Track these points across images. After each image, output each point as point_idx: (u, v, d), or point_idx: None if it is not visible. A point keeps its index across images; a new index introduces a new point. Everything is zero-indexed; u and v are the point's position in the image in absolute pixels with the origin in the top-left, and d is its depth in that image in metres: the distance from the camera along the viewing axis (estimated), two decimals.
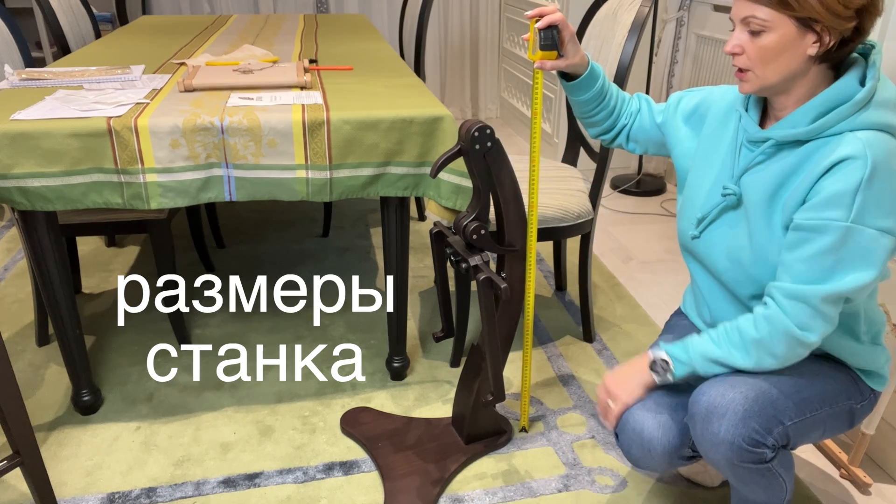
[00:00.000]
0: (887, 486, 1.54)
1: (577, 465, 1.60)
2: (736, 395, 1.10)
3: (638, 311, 2.24)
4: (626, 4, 1.89)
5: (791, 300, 1.07)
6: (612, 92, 1.38)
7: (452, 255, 1.44)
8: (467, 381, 1.60)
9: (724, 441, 1.09)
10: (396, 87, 1.76)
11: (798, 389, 1.14)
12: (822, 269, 1.05)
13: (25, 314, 2.20)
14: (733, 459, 1.10)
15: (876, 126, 1.04)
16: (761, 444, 1.09)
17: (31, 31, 3.99)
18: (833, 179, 1.02)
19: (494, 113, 4.66)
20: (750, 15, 1.04)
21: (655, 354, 1.20)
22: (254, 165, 1.51)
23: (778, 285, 1.09)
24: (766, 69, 1.06)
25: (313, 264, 2.54)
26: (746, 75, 1.09)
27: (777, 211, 1.11)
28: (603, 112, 1.38)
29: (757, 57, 1.06)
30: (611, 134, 1.41)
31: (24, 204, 1.46)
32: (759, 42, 1.04)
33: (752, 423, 1.09)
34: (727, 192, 1.17)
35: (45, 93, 1.67)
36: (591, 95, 1.35)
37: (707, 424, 1.11)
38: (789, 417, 1.12)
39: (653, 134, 1.38)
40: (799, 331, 1.08)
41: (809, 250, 1.05)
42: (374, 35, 2.65)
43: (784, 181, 1.10)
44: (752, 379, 1.13)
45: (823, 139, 1.06)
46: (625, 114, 1.40)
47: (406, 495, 1.48)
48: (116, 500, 1.49)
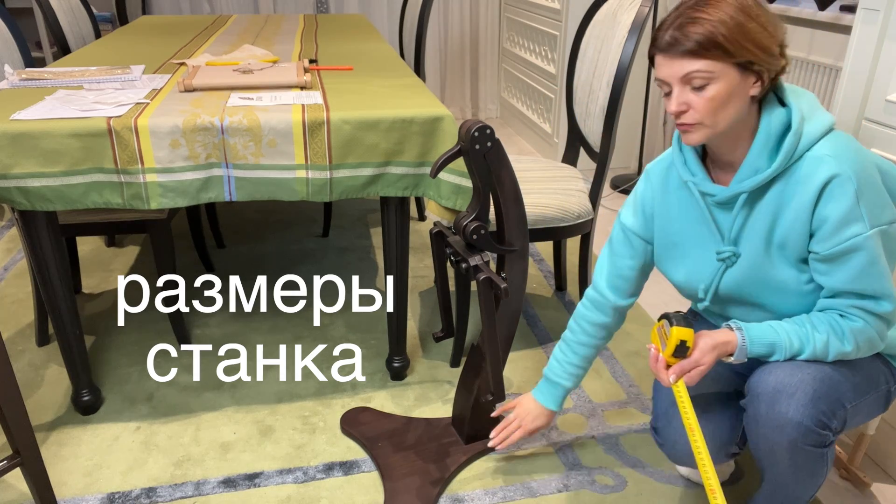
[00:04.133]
0: (887, 486, 1.54)
1: (577, 465, 1.60)
2: (804, 375, 1.11)
3: (638, 311, 2.24)
4: (626, 4, 1.89)
5: (873, 317, 1.12)
6: (598, 348, 1.46)
7: (452, 255, 1.44)
8: (467, 381, 1.60)
9: (791, 421, 1.09)
10: (396, 87, 1.76)
11: (852, 374, 1.16)
12: (876, 278, 1.09)
13: (25, 314, 2.20)
14: (798, 441, 1.10)
15: (822, 133, 1.08)
16: (827, 427, 1.11)
17: (31, 31, 3.99)
18: (832, 203, 1.06)
19: (494, 113, 4.66)
20: (692, 71, 1.05)
21: (738, 358, 1.17)
22: (254, 165, 1.51)
23: (854, 304, 1.12)
24: (716, 119, 1.07)
25: (313, 264, 2.54)
26: (694, 127, 1.09)
27: (776, 248, 1.15)
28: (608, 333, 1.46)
29: (706, 109, 1.06)
30: (630, 300, 1.42)
31: (24, 204, 1.46)
32: (706, 95, 1.06)
33: (821, 404, 1.10)
34: (723, 255, 1.19)
35: (45, 93, 1.67)
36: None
37: (774, 404, 1.11)
38: (850, 400, 1.14)
39: (644, 263, 1.38)
40: (879, 339, 1.15)
41: (854, 269, 1.09)
42: (374, 35, 2.65)
43: (774, 220, 1.13)
44: (814, 363, 1.14)
45: (790, 170, 1.10)
46: (616, 320, 1.43)
47: (406, 495, 1.48)
48: (116, 500, 1.49)
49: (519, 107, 4.15)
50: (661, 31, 1.08)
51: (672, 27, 1.05)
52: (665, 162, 1.28)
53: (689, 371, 1.14)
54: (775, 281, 1.17)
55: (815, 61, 2.49)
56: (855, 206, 1.05)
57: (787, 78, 2.66)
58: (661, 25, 1.08)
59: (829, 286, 1.12)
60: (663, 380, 1.16)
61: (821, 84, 2.49)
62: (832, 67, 2.42)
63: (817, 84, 2.50)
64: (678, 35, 1.04)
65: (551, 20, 3.50)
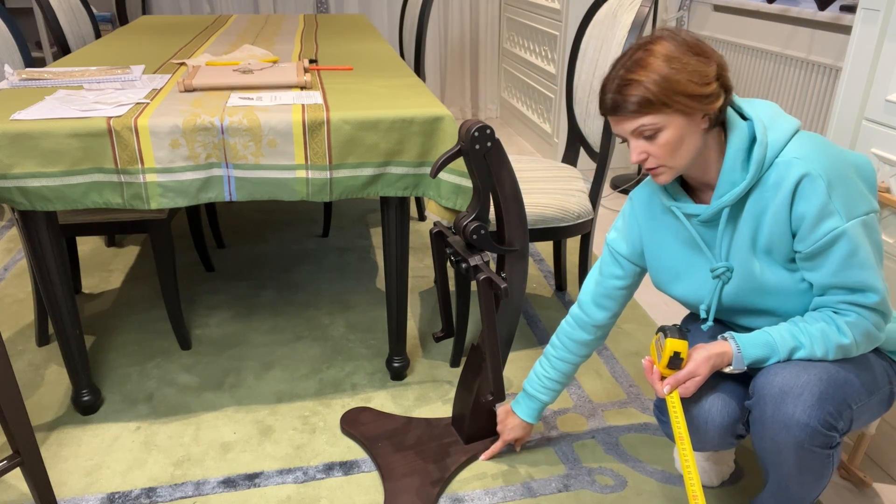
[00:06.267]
0: (887, 486, 1.54)
1: (577, 465, 1.60)
2: (811, 377, 1.12)
3: (638, 310, 2.24)
4: (626, 4, 1.89)
5: (863, 309, 1.14)
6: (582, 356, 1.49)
7: (452, 255, 1.44)
8: (467, 381, 1.60)
9: (798, 422, 1.10)
10: (396, 87, 1.76)
11: (857, 374, 1.17)
12: (858, 269, 1.11)
13: (25, 314, 2.20)
14: (804, 442, 1.11)
15: (787, 137, 1.13)
16: (833, 428, 1.11)
17: (31, 31, 3.99)
18: (804, 202, 1.10)
19: (494, 113, 4.66)
20: (638, 126, 1.11)
21: (736, 367, 1.19)
22: (254, 165, 1.51)
23: (843, 299, 1.14)
24: (675, 159, 1.13)
25: (313, 264, 2.54)
26: (659, 170, 1.16)
27: (763, 254, 1.18)
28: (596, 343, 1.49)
29: (663, 154, 1.13)
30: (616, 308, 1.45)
31: (24, 204, 1.46)
32: (659, 142, 1.12)
33: (827, 405, 1.10)
34: (718, 272, 1.22)
35: (45, 93, 1.67)
36: None
37: (781, 405, 1.12)
38: (855, 401, 1.15)
39: (631, 283, 1.41)
40: (876, 331, 1.16)
41: (835, 263, 1.11)
42: (374, 35, 2.65)
43: (756, 228, 1.17)
44: (820, 363, 1.15)
45: (762, 178, 1.14)
46: (603, 328, 1.46)
47: (406, 495, 1.48)
48: (116, 500, 1.49)
49: (519, 107, 4.15)
50: (603, 94, 1.15)
51: (611, 91, 1.12)
52: (648, 188, 1.33)
53: (685, 382, 1.19)
54: (771, 285, 1.19)
55: (815, 61, 2.49)
56: (827, 201, 1.08)
57: (787, 78, 2.66)
58: (603, 88, 1.15)
59: (817, 282, 1.15)
60: (658, 390, 1.21)
61: (821, 84, 2.49)
62: (832, 67, 2.42)
63: (817, 84, 2.50)
64: (618, 98, 1.11)
65: (551, 20, 3.50)
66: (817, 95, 2.51)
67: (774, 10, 2.66)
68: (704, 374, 1.18)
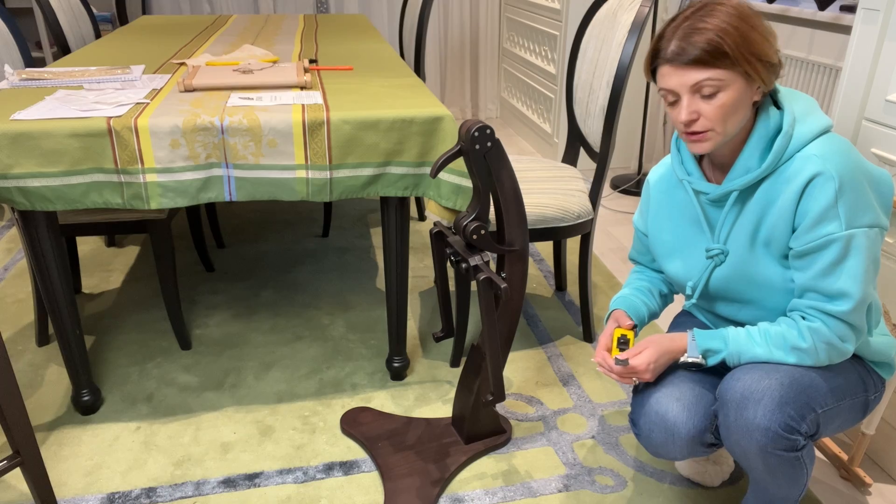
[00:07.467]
0: (887, 486, 1.54)
1: (577, 465, 1.60)
2: (772, 381, 1.12)
3: None
4: (626, 4, 1.89)
5: (829, 318, 1.13)
6: (661, 298, 1.45)
7: (452, 255, 1.44)
8: (467, 381, 1.60)
9: (759, 427, 1.10)
10: (396, 87, 1.76)
11: (826, 379, 1.17)
12: (840, 278, 1.10)
13: (25, 314, 2.20)
14: (767, 446, 1.11)
15: (815, 134, 1.11)
16: (795, 431, 1.11)
17: (31, 31, 3.99)
18: (811, 200, 1.08)
19: (494, 113, 4.66)
20: (703, 80, 1.06)
21: (691, 354, 1.22)
22: (254, 165, 1.51)
23: (813, 304, 1.13)
24: (726, 125, 1.10)
25: (313, 264, 2.54)
26: (706, 135, 1.11)
27: (762, 245, 1.17)
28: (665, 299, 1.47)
29: (717, 116, 1.08)
30: None
31: (24, 204, 1.46)
32: (717, 102, 1.07)
33: (788, 409, 1.10)
34: (712, 253, 1.22)
35: (45, 93, 1.67)
36: None
37: (742, 410, 1.12)
38: (820, 405, 1.14)
39: None
40: (840, 342, 1.13)
41: (820, 267, 1.10)
42: (374, 35, 2.65)
43: (761, 218, 1.16)
44: (784, 367, 1.15)
45: (779, 169, 1.12)
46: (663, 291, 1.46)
47: (406, 495, 1.48)
48: (116, 500, 1.49)
49: (519, 107, 4.15)
50: (663, 42, 1.08)
51: (676, 37, 1.06)
52: (665, 165, 1.34)
53: (636, 355, 1.23)
54: (761, 277, 1.18)
55: (815, 61, 2.49)
56: (833, 205, 1.07)
57: (787, 78, 2.66)
58: (663, 36, 1.09)
59: (798, 283, 1.15)
60: (607, 361, 1.25)
61: (821, 84, 2.49)
62: (832, 67, 2.42)
63: (817, 84, 2.50)
64: (684, 45, 1.05)
65: (551, 20, 3.50)
66: (817, 95, 2.50)
67: (774, 10, 2.66)
68: (652, 350, 1.21)
